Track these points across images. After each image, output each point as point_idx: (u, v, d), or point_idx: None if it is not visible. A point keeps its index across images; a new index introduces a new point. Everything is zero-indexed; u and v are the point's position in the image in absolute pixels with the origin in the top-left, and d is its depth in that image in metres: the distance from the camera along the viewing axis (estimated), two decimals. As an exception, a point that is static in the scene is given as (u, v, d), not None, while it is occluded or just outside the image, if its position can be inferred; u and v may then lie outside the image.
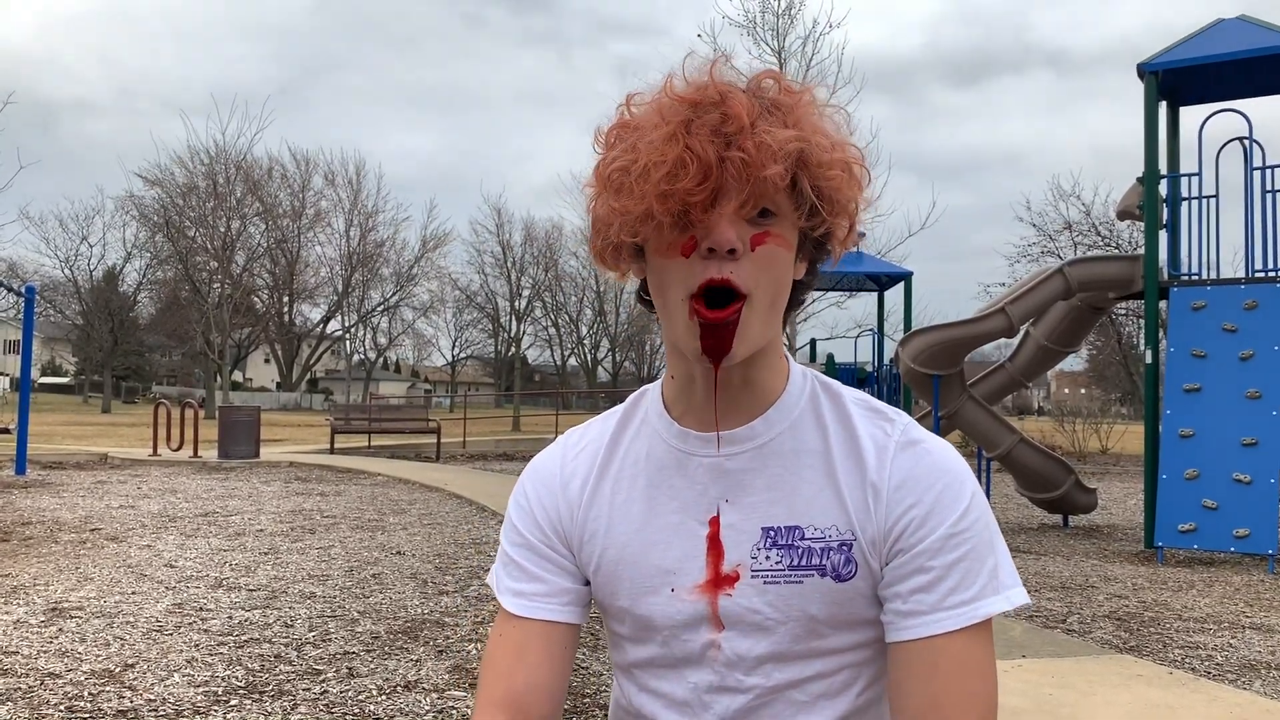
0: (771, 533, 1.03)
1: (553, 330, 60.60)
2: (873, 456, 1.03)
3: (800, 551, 1.02)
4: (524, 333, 58.00)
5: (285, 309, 59.97)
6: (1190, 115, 9.56)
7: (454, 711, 3.49)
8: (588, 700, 3.68)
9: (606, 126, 1.02)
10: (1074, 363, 42.23)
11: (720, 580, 1.05)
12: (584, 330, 62.01)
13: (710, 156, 0.92)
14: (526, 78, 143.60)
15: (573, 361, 64.80)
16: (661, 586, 1.07)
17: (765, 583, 1.03)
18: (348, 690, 3.74)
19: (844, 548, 1.02)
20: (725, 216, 0.94)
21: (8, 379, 38.77)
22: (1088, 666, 4.31)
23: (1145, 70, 8.52)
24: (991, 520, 1.02)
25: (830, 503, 1.03)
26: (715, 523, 1.05)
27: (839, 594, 1.02)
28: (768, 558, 1.03)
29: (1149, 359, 8.67)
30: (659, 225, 0.96)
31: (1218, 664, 4.50)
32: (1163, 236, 8.70)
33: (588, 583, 1.14)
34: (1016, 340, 10.70)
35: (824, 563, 1.02)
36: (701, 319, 0.96)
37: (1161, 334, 8.94)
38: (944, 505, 0.99)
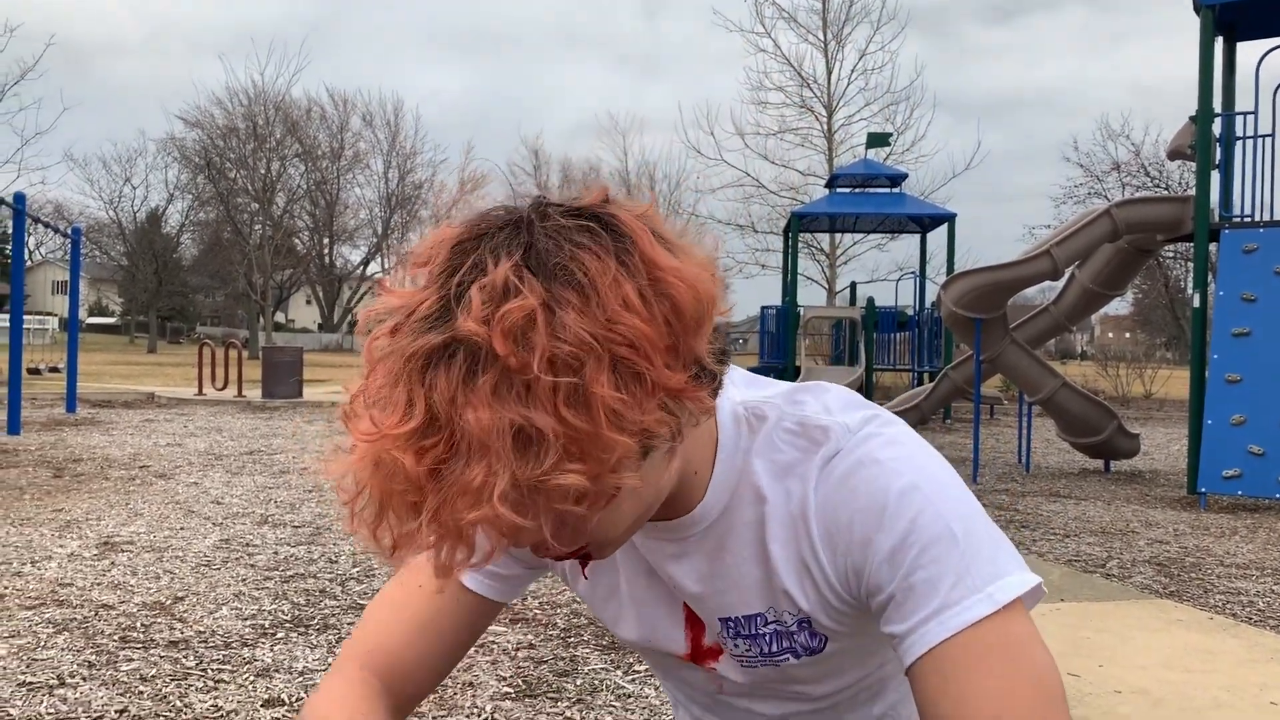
0: (731, 623, 0.97)
1: (591, 272, 60.53)
2: (801, 512, 0.90)
3: (766, 638, 0.97)
4: (562, 275, 58.02)
5: (326, 251, 60.36)
6: (1247, 52, 9.28)
7: (494, 645, 3.55)
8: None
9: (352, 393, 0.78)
10: (1119, 306, 41.61)
11: (702, 654, 1.02)
12: (622, 272, 61.90)
13: (412, 528, 0.74)
14: (554, 13, 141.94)
15: (611, 304, 64.74)
16: (650, 641, 1.04)
17: (744, 665, 1.00)
18: (391, 625, 3.81)
19: (803, 625, 0.95)
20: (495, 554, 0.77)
21: (56, 319, 39.50)
22: (1127, 610, 4.30)
23: (1201, 4, 8.25)
24: (948, 508, 0.85)
25: (775, 589, 0.93)
26: (686, 608, 1.01)
27: (821, 661, 0.98)
28: (736, 646, 0.98)
29: (1196, 303, 8.52)
30: None
31: (1259, 610, 4.47)
32: (1215, 177, 8.50)
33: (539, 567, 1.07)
34: (1061, 283, 10.55)
35: (793, 645, 0.96)
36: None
37: (1210, 277, 8.76)
38: (870, 532, 0.86)
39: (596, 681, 3.24)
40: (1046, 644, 0.85)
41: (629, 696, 3.12)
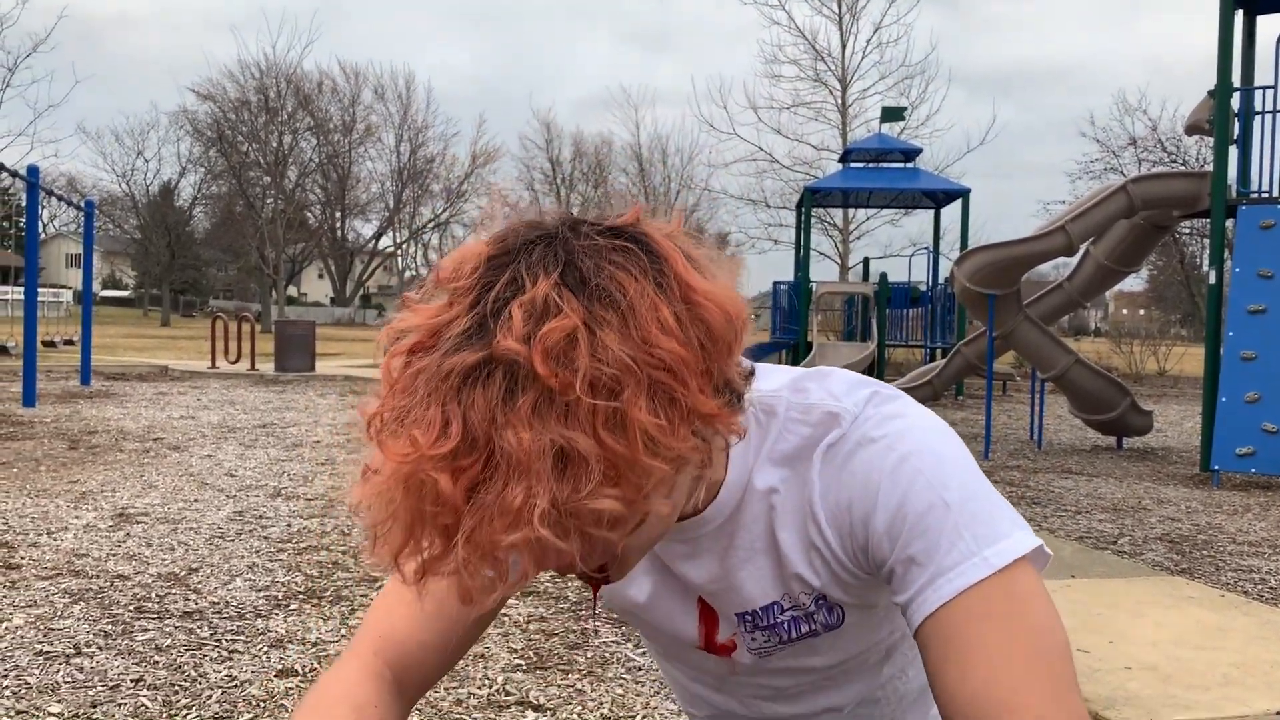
0: (748, 618, 0.99)
1: (602, 247, 60.45)
2: (808, 499, 0.91)
3: (785, 625, 0.98)
4: (574, 250, 57.96)
5: (338, 225, 60.39)
6: (1267, 25, 9.17)
7: (505, 618, 3.57)
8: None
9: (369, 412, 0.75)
10: (1134, 283, 41.41)
11: (716, 648, 1.03)
12: (634, 248, 61.80)
13: (443, 552, 0.72)
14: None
15: (622, 279, 64.72)
16: (661, 631, 1.06)
17: (761, 656, 1.02)
18: (403, 597, 3.84)
19: (820, 603, 0.97)
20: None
21: (70, 292, 39.68)
22: (1138, 587, 4.30)
23: (1222, -23, 8.15)
24: (942, 477, 0.86)
25: (791, 575, 0.95)
26: (700, 602, 1.02)
27: (838, 635, 1.00)
28: (754, 639, 1.00)
29: (1212, 279, 8.47)
30: None
31: (1271, 588, 4.46)
32: (1232, 153, 8.42)
33: None
34: (1075, 259, 10.48)
35: (813, 626, 0.98)
36: None
37: (1227, 254, 8.70)
38: (870, 501, 0.87)
39: (607, 654, 3.26)
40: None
41: (639, 669, 3.14)
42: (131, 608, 3.60)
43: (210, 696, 2.81)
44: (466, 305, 0.72)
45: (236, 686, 2.89)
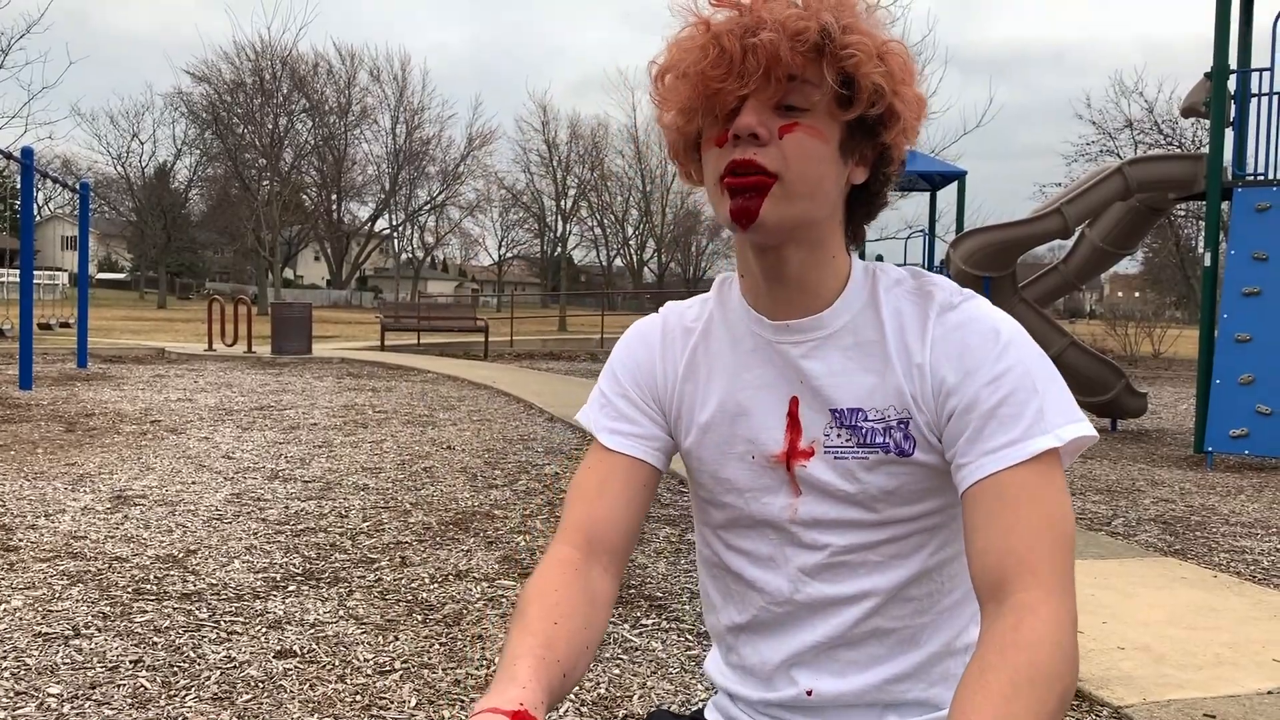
0: (838, 414, 1.14)
1: (598, 230, 60.38)
2: (916, 340, 1.11)
3: (865, 431, 1.13)
4: (570, 233, 57.88)
5: (334, 207, 60.20)
6: (1264, 7, 9.13)
7: (504, 600, 3.60)
8: (633, 591, 3.76)
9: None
10: (1129, 265, 41.37)
11: (796, 454, 1.16)
12: (630, 230, 61.68)
13: (732, 45, 1.01)
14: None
15: (618, 262, 64.66)
16: (745, 454, 1.19)
17: (835, 458, 1.14)
18: (401, 578, 3.86)
19: (902, 425, 1.11)
20: (750, 106, 1.04)
21: (66, 274, 39.58)
22: (1131, 568, 4.33)
23: (1219, -42, 8.12)
24: (1035, 365, 1.07)
25: (888, 388, 1.12)
26: (795, 403, 1.16)
27: (903, 467, 1.12)
28: (838, 436, 1.14)
29: (1208, 261, 8.47)
30: (694, 114, 1.08)
31: (1264, 568, 4.49)
32: (1229, 135, 8.41)
33: (672, 437, 1.26)
34: (1071, 242, 10.48)
35: (887, 440, 1.12)
36: (728, 186, 1.06)
37: (1222, 236, 8.71)
38: (975, 361, 1.07)
39: (604, 636, 3.28)
40: None
41: (636, 650, 3.16)
42: (130, 589, 3.61)
43: (209, 677, 2.83)
44: None
45: (235, 667, 2.91)
